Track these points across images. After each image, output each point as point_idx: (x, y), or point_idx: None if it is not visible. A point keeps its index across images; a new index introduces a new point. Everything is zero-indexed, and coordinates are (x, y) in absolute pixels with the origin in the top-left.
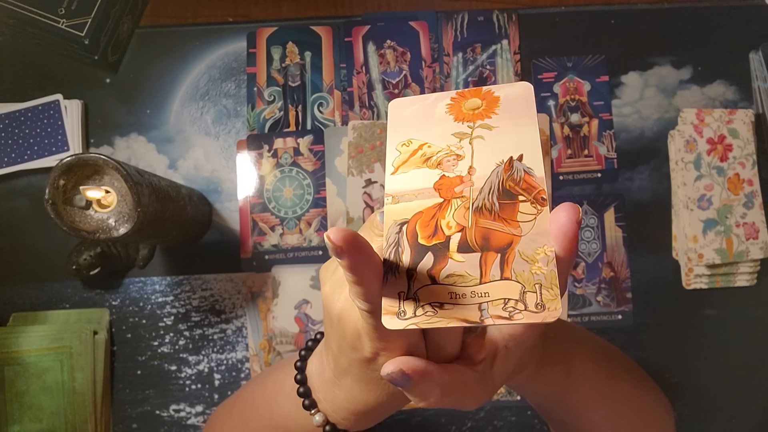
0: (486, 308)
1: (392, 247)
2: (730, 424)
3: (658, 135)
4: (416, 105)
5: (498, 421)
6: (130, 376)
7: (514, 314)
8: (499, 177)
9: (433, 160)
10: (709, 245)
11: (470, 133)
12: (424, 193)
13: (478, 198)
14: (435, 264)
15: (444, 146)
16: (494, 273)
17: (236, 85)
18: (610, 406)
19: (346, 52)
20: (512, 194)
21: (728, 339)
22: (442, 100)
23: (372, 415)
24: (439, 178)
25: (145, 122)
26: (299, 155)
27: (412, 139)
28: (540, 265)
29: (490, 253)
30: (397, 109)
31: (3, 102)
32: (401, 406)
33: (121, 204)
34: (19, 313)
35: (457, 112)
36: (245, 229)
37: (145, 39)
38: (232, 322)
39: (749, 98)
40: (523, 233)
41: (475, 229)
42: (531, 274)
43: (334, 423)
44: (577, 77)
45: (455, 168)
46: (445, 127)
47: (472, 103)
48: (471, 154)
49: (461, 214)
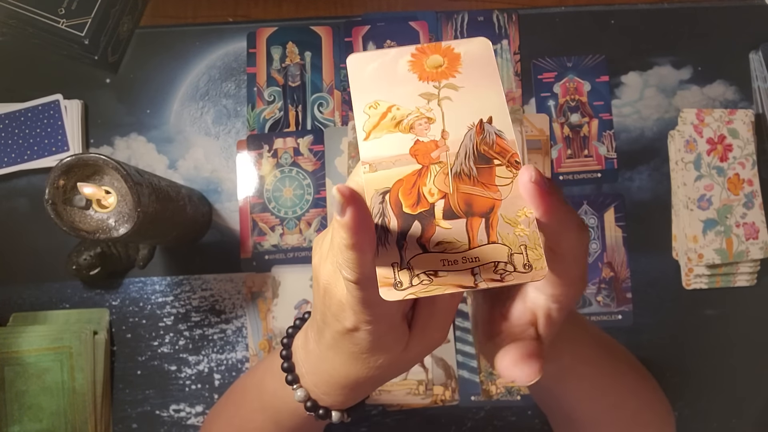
0: (478, 272)
1: (378, 218)
2: (730, 424)
3: (658, 135)
4: (376, 62)
5: (498, 421)
6: (130, 376)
7: (505, 276)
8: (473, 141)
9: (404, 123)
10: (709, 245)
11: (437, 94)
12: (401, 160)
13: (455, 163)
14: (423, 232)
15: (413, 108)
16: (481, 237)
17: (236, 85)
18: (611, 397)
19: (346, 52)
20: (487, 158)
21: (728, 339)
22: (403, 57)
23: (352, 389)
24: (413, 143)
25: (145, 122)
26: (299, 155)
27: (379, 101)
28: (522, 226)
29: (475, 218)
30: (356, 66)
31: (3, 102)
32: (382, 383)
33: (121, 204)
34: (19, 313)
35: (420, 71)
36: (245, 229)
37: (145, 39)
38: (232, 322)
39: (749, 98)
40: (503, 197)
41: (457, 194)
42: (515, 236)
43: (315, 399)
44: (577, 77)
45: (428, 132)
46: (410, 88)
47: (434, 61)
48: (441, 116)
49: (441, 180)
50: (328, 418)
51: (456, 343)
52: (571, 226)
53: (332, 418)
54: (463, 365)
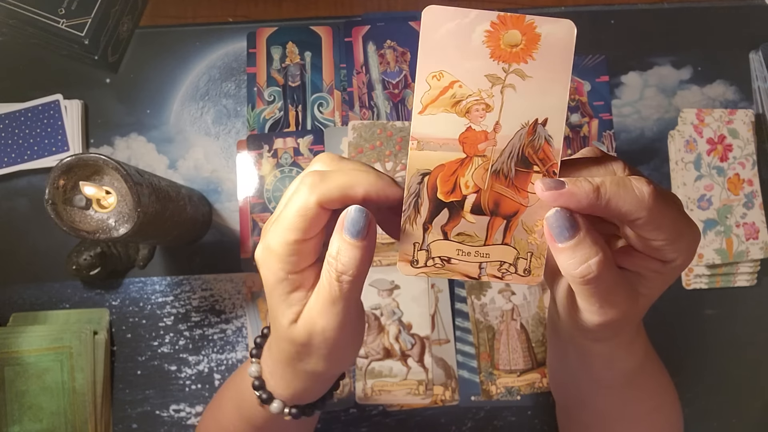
0: (485, 267)
1: (413, 197)
2: (730, 424)
3: (658, 135)
4: (454, 22)
5: (498, 421)
6: (130, 376)
7: (506, 275)
8: (521, 141)
9: (462, 105)
10: (709, 245)
11: (503, 79)
12: (448, 144)
13: (497, 161)
14: (449, 221)
15: (475, 90)
16: (497, 237)
17: (236, 85)
18: (659, 397)
19: (346, 52)
20: (529, 163)
21: (728, 339)
22: (482, 23)
23: (287, 365)
24: (465, 130)
25: (145, 122)
26: (299, 155)
27: (444, 71)
28: (536, 236)
29: (498, 218)
30: (431, 22)
31: (3, 102)
32: (318, 372)
33: (121, 204)
34: (19, 313)
35: (495, 46)
36: (245, 229)
37: (145, 39)
38: (232, 322)
39: (749, 98)
40: (529, 204)
41: (489, 192)
42: (526, 243)
43: (264, 379)
44: (577, 77)
45: (482, 121)
46: (479, 64)
47: (512, 38)
48: (500, 106)
49: (480, 175)
50: (268, 403)
51: (456, 343)
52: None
53: (273, 405)
54: (463, 365)
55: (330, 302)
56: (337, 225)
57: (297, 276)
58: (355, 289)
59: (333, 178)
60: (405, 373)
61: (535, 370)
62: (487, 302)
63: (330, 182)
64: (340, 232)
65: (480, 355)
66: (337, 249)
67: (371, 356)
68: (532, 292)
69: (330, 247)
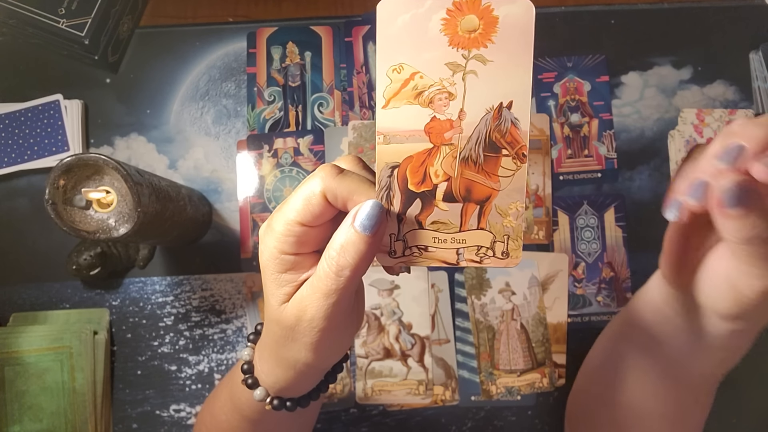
0: (462, 253)
1: (384, 191)
2: (730, 424)
3: (658, 135)
4: (409, 13)
5: (498, 421)
6: (130, 376)
7: (484, 259)
8: (488, 126)
9: (424, 96)
10: None
11: (464, 66)
12: (414, 136)
13: (465, 148)
14: (422, 210)
15: (437, 79)
16: (472, 222)
17: (236, 85)
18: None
19: (346, 52)
20: (497, 147)
21: None
22: (437, 11)
23: (272, 351)
24: (430, 120)
25: (145, 122)
26: (299, 155)
27: (404, 63)
28: (511, 218)
29: (471, 204)
30: (386, 15)
31: (3, 102)
32: (299, 362)
33: (121, 204)
34: (19, 313)
35: (453, 33)
36: (245, 229)
37: (145, 39)
38: (232, 322)
39: (749, 98)
40: (501, 188)
41: (459, 179)
42: (502, 227)
43: (254, 364)
44: (577, 77)
45: (446, 110)
46: (438, 53)
47: (469, 23)
48: (463, 93)
49: (449, 163)
50: (252, 389)
51: (456, 343)
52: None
53: (256, 393)
54: (463, 365)
55: (324, 294)
56: (347, 217)
57: (291, 258)
58: (351, 285)
59: (348, 178)
60: (405, 373)
61: (535, 370)
62: (487, 302)
63: (343, 181)
64: (350, 224)
65: (480, 355)
66: (342, 241)
67: (371, 356)
68: (532, 292)
69: (333, 240)
